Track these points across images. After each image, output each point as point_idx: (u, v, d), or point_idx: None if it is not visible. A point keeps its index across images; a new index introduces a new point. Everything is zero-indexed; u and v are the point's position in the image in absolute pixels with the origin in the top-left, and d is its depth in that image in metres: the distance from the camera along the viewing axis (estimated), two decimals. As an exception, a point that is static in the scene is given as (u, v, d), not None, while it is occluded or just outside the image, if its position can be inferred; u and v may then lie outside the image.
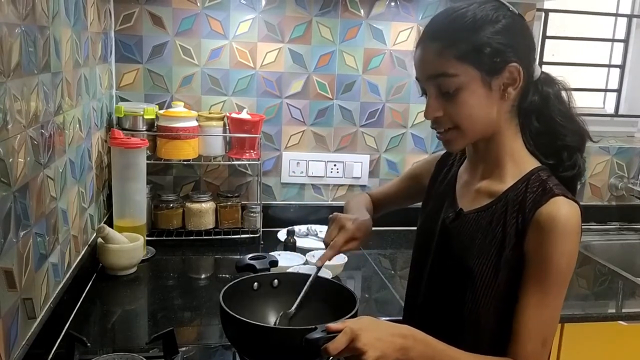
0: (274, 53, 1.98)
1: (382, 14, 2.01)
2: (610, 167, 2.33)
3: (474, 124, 0.93)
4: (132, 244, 1.60)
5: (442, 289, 1.03)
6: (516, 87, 0.92)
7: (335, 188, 2.12)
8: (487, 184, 1.00)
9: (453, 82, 0.90)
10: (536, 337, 0.90)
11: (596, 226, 2.30)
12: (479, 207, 0.99)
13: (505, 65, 0.90)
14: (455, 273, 0.99)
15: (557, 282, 0.90)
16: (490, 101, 0.92)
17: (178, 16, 1.90)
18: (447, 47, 0.89)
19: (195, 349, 1.24)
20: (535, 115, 0.98)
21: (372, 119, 2.09)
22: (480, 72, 0.89)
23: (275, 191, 2.09)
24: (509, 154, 0.97)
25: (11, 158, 0.95)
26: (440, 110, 0.93)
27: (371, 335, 0.81)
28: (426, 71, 0.94)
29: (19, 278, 1.00)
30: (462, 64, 0.89)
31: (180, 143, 1.82)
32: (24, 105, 1.01)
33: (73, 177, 1.38)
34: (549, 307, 0.90)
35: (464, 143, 0.97)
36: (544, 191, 0.92)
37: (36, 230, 1.10)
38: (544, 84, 0.97)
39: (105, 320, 1.40)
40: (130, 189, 1.68)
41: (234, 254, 1.84)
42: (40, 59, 1.11)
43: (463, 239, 0.99)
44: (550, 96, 0.97)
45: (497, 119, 0.94)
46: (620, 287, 1.76)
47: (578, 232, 0.91)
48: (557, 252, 0.88)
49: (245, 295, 1.14)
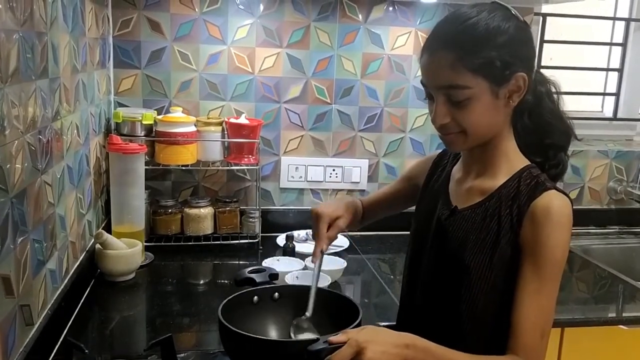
0: (272, 58, 1.98)
1: (380, 18, 2.02)
2: (609, 171, 2.32)
3: (480, 129, 0.95)
4: (130, 249, 1.59)
5: (439, 287, 1.04)
6: (521, 94, 0.94)
7: (335, 193, 2.12)
8: (480, 182, 1.02)
9: (463, 93, 0.91)
10: (535, 328, 0.91)
11: (596, 230, 2.30)
12: (473, 204, 1.01)
13: (513, 75, 0.92)
14: (452, 270, 1.01)
15: (553, 272, 0.92)
16: (496, 108, 0.94)
17: (176, 21, 1.90)
18: (460, 60, 0.90)
19: (194, 355, 1.23)
20: (527, 113, 1.01)
21: (371, 123, 2.09)
22: (490, 82, 0.91)
23: (274, 196, 2.08)
24: (503, 153, 1.00)
25: (9, 164, 0.95)
26: (448, 117, 0.94)
27: (377, 348, 0.82)
28: (437, 81, 0.94)
29: (17, 284, 1.00)
30: (474, 76, 0.90)
31: (179, 148, 1.82)
32: (21, 111, 1.01)
33: (71, 183, 1.38)
34: (546, 298, 0.92)
35: (467, 146, 0.99)
36: (537, 185, 0.95)
37: (34, 237, 1.09)
38: (537, 83, 1.00)
39: (104, 326, 1.40)
40: (129, 194, 1.68)
41: (233, 260, 1.84)
42: (38, 64, 1.10)
43: (458, 235, 1.01)
44: (543, 95, 1.01)
45: (501, 123, 0.97)
46: (620, 291, 1.76)
47: (570, 222, 0.94)
48: (551, 243, 0.91)
49: (245, 309, 1.12)
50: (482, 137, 0.97)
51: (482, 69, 0.90)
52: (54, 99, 1.23)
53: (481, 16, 0.91)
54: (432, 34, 0.96)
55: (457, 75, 0.90)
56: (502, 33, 0.90)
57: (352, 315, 1.03)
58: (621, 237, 2.29)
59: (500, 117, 0.96)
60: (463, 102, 0.92)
